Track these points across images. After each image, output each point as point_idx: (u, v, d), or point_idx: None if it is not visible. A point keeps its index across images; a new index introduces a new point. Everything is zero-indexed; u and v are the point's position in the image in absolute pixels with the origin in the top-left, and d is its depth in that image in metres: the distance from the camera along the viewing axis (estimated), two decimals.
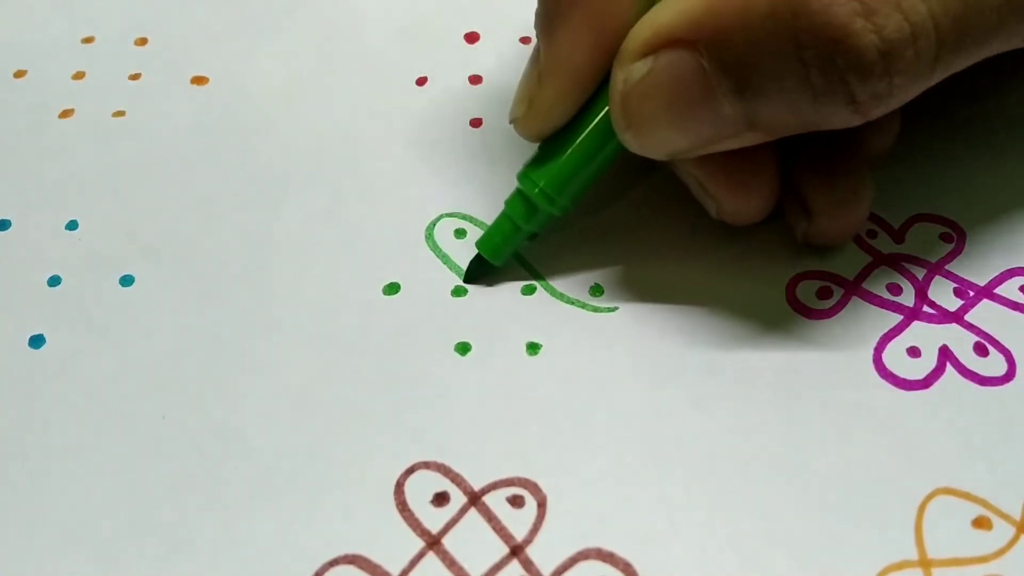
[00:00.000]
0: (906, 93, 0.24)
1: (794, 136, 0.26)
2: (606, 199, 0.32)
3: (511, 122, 0.29)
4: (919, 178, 0.32)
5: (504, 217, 0.30)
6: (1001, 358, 0.28)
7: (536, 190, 0.29)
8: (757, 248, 0.31)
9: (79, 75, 0.36)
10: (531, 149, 0.30)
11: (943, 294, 0.30)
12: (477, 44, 0.36)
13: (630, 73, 0.26)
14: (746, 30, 0.24)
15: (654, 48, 0.25)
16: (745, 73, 0.24)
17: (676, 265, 0.30)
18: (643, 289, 0.30)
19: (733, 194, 0.29)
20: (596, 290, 0.30)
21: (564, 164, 0.28)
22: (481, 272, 0.30)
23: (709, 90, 0.25)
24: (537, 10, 0.28)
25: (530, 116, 0.28)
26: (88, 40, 0.37)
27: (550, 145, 0.29)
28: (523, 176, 0.29)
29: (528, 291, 0.30)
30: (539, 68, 0.28)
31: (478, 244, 0.30)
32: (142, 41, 0.37)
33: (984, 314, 0.29)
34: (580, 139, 0.28)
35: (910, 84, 0.24)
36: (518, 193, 0.29)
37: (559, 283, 0.30)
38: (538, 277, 0.30)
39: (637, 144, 0.27)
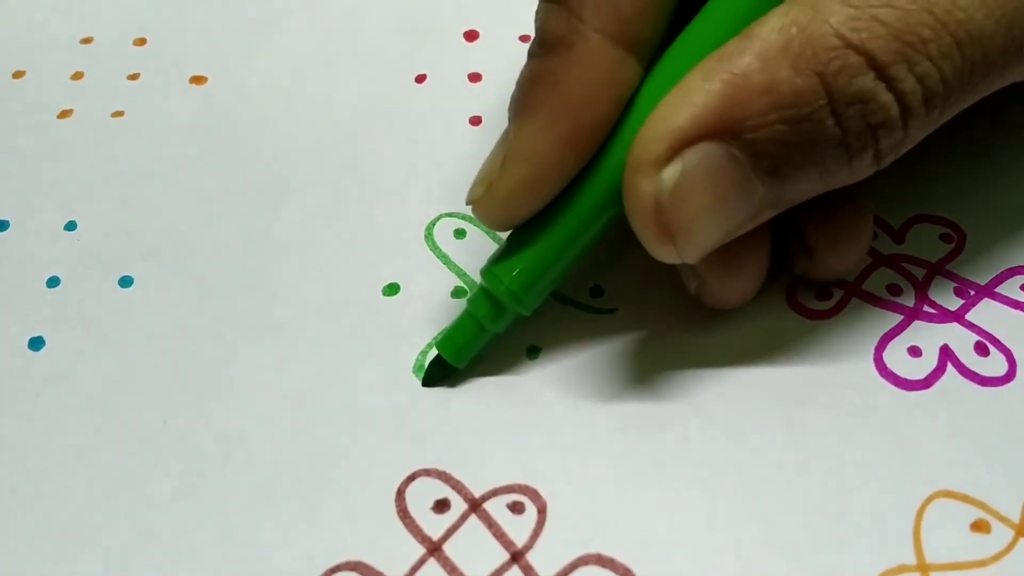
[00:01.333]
0: (918, 139, 0.25)
1: None
2: None
3: (468, 203, 0.27)
4: (919, 179, 0.32)
5: (467, 316, 0.28)
6: (1002, 358, 0.28)
7: (503, 287, 0.27)
8: None
9: (78, 75, 0.36)
10: None
11: (943, 294, 0.30)
12: (476, 42, 0.36)
13: (661, 182, 0.24)
14: (775, 110, 0.24)
15: (678, 150, 0.24)
16: (780, 151, 0.24)
17: (676, 267, 0.30)
18: (643, 290, 0.30)
19: (721, 275, 0.28)
20: (596, 292, 0.30)
21: (533, 263, 0.26)
22: (442, 374, 0.28)
23: (745, 176, 0.24)
24: (513, 92, 0.27)
25: (486, 200, 0.27)
26: (87, 40, 0.37)
27: (517, 239, 0.27)
28: (488, 272, 0.27)
29: None
30: (504, 151, 0.26)
31: (438, 345, 0.28)
32: (141, 41, 0.37)
33: (985, 313, 0.29)
34: (549, 238, 0.26)
35: (922, 132, 0.25)
36: (482, 291, 0.27)
37: (559, 286, 0.30)
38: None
39: (677, 254, 0.25)
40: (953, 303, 0.29)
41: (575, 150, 0.26)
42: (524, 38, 0.36)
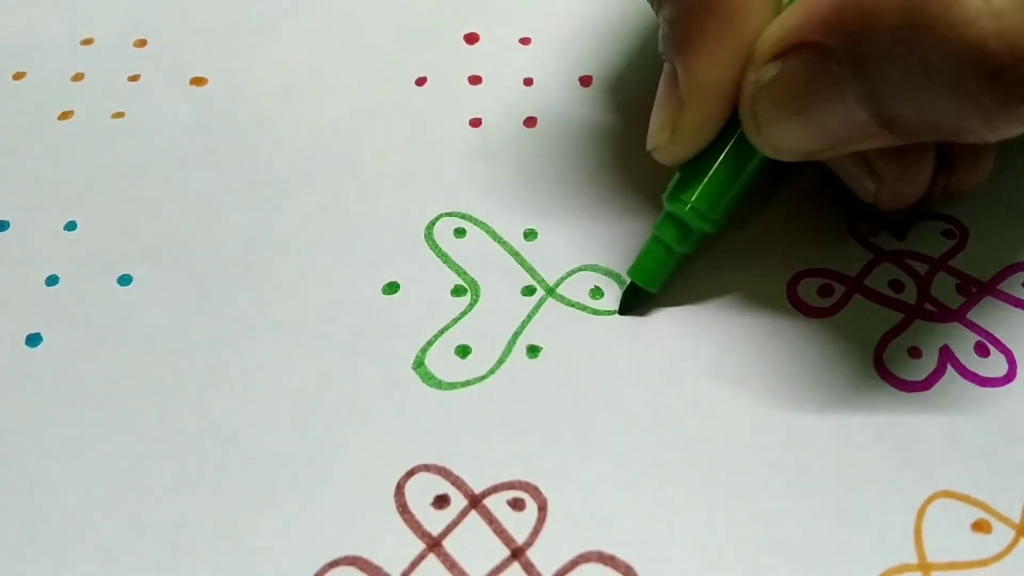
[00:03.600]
0: None
1: None
2: (607, 200, 0.32)
3: (651, 150, 0.28)
4: None
5: (655, 241, 0.29)
6: (1002, 358, 0.28)
7: (687, 208, 0.28)
8: (758, 246, 0.31)
9: (78, 76, 0.36)
10: (536, 152, 0.30)
11: (945, 291, 0.30)
12: (476, 45, 0.36)
13: (760, 75, 0.25)
14: (874, 37, 0.23)
15: (784, 50, 0.25)
16: (874, 79, 0.24)
17: (676, 265, 0.30)
18: (643, 291, 0.30)
19: (898, 171, 0.28)
20: (596, 292, 0.30)
21: (714, 178, 0.28)
22: (636, 302, 0.29)
23: (840, 92, 0.24)
24: (664, 32, 0.27)
25: (675, 142, 0.27)
26: (87, 42, 0.37)
27: (693, 163, 0.28)
28: (670, 197, 0.28)
29: (528, 292, 0.30)
30: (679, 92, 0.27)
31: (630, 273, 0.29)
32: (141, 42, 0.37)
33: (986, 311, 0.29)
34: (726, 150, 0.27)
35: None
36: (668, 216, 0.28)
37: (559, 286, 0.30)
38: (538, 279, 0.30)
39: (767, 146, 0.26)
40: (955, 301, 0.29)
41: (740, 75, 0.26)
42: (524, 41, 0.36)
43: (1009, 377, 0.28)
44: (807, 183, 0.32)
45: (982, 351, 0.28)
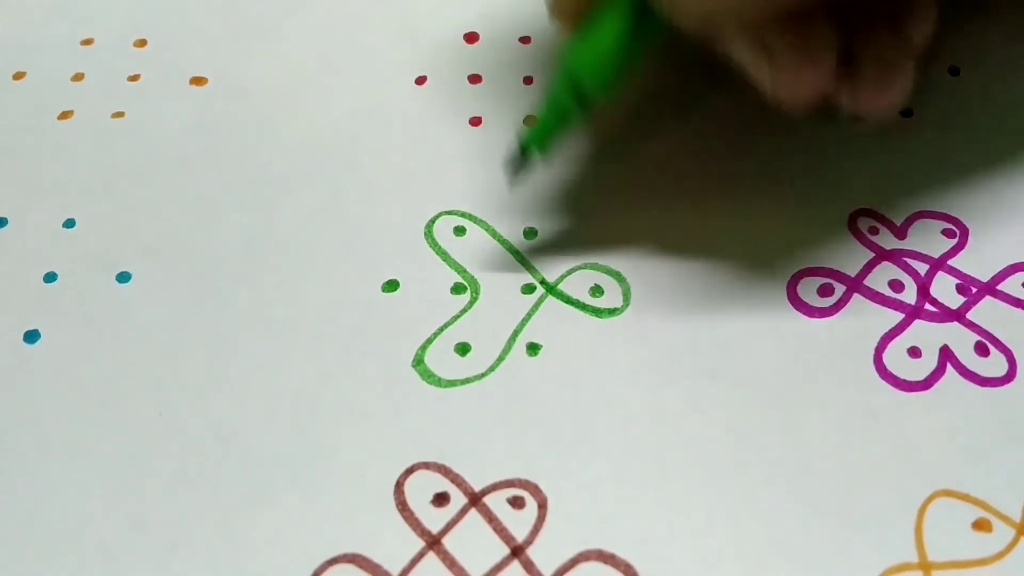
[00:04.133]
0: None
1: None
2: (607, 199, 0.32)
3: (549, 17, 0.29)
4: (921, 173, 0.32)
5: (551, 107, 0.29)
6: (1002, 358, 0.28)
7: (585, 73, 0.28)
8: (758, 246, 0.31)
9: (78, 76, 0.36)
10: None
11: (945, 290, 0.30)
12: (476, 44, 0.36)
13: None
14: None
15: None
16: None
17: (676, 265, 0.30)
18: (643, 290, 0.30)
19: (795, 58, 0.28)
20: (596, 291, 0.30)
21: (606, 43, 0.27)
22: (523, 165, 0.30)
23: None
24: None
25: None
26: (87, 42, 0.37)
27: (587, 29, 0.28)
28: (568, 62, 0.28)
29: (528, 291, 0.30)
30: None
31: (523, 136, 0.29)
32: (141, 42, 0.37)
33: (986, 311, 0.29)
34: (613, 16, 0.27)
35: None
36: (562, 80, 0.28)
37: (559, 284, 0.30)
38: (538, 278, 0.30)
39: (670, 5, 0.26)
40: (955, 300, 0.29)
41: None
42: (524, 40, 0.36)
43: (1009, 377, 0.28)
44: (806, 181, 0.32)
45: (982, 351, 0.28)
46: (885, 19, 0.29)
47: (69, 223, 0.32)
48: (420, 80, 0.35)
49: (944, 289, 0.30)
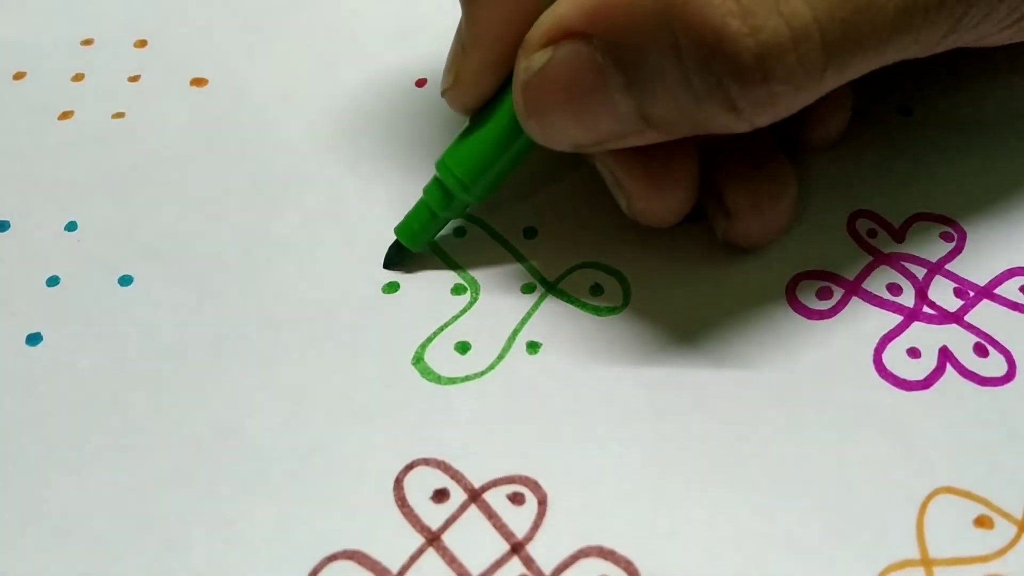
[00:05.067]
0: (793, 100, 0.23)
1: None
2: (607, 199, 0.32)
3: (442, 94, 0.29)
4: (920, 176, 0.32)
5: (422, 204, 0.30)
6: (1001, 358, 0.28)
7: (452, 179, 0.29)
8: (757, 248, 0.31)
9: (78, 77, 0.36)
10: (535, 152, 0.29)
11: (943, 294, 0.30)
12: None
13: (531, 62, 0.26)
14: (633, 25, 0.23)
15: (554, 39, 0.25)
16: (633, 69, 0.24)
17: (676, 264, 0.30)
18: (643, 289, 0.30)
19: (646, 190, 0.28)
20: (596, 289, 0.30)
21: (478, 151, 0.28)
22: (399, 258, 0.30)
23: (604, 84, 0.25)
24: None
25: (457, 87, 0.28)
26: (88, 42, 0.37)
27: (469, 129, 0.29)
28: (440, 163, 0.29)
29: (528, 290, 0.30)
30: (462, 39, 0.28)
31: (396, 230, 0.30)
32: (142, 43, 0.37)
33: (984, 314, 0.29)
34: (491, 125, 0.28)
35: (795, 92, 0.23)
36: (435, 180, 0.29)
37: (559, 283, 0.30)
38: (538, 277, 0.30)
39: (539, 134, 0.27)
40: (953, 304, 0.29)
41: (524, 27, 0.26)
42: None
43: (1009, 376, 0.28)
44: (805, 183, 0.32)
45: (981, 351, 0.28)
46: (758, 147, 0.29)
47: (71, 225, 0.32)
48: (420, 82, 0.35)
49: (942, 293, 0.30)
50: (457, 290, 0.30)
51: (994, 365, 0.28)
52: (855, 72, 0.24)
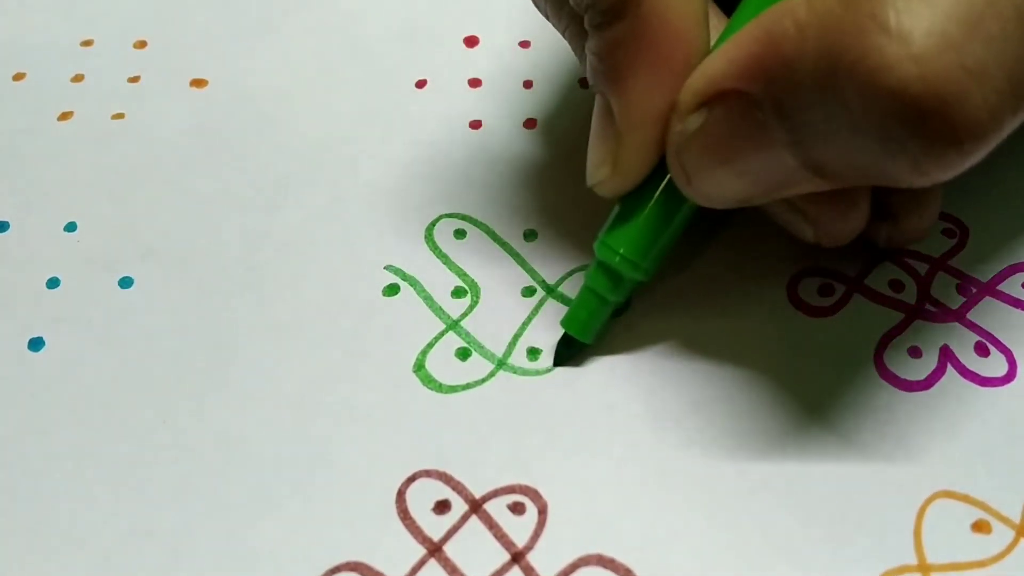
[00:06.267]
0: (978, 157, 0.22)
1: None
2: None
3: (592, 185, 0.27)
4: None
5: (587, 291, 0.28)
6: (1002, 358, 0.28)
7: (617, 258, 0.27)
8: (758, 245, 0.31)
9: (78, 78, 0.36)
10: (535, 154, 0.29)
11: (945, 291, 0.30)
12: (476, 48, 0.36)
13: (686, 125, 0.25)
14: (795, 81, 0.22)
15: (708, 99, 0.24)
16: (799, 124, 0.23)
17: (676, 265, 0.30)
18: (643, 290, 0.30)
19: (833, 215, 0.27)
20: None
21: (643, 227, 0.27)
22: (570, 353, 0.29)
23: (766, 139, 0.23)
24: (594, 65, 0.26)
25: (616, 176, 0.27)
26: (87, 43, 0.37)
27: (625, 208, 0.27)
28: (601, 245, 0.27)
29: (528, 293, 0.30)
30: (615, 125, 0.26)
31: (564, 323, 0.28)
32: (141, 44, 0.37)
33: (986, 312, 0.29)
34: (655, 199, 0.27)
35: (983, 150, 0.22)
36: (599, 264, 0.28)
37: (559, 286, 0.30)
38: (538, 280, 0.30)
39: (701, 196, 0.26)
40: (955, 301, 0.29)
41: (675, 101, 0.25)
42: (524, 44, 0.36)
43: (1009, 377, 0.28)
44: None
45: (982, 351, 0.28)
46: None
47: (70, 226, 0.32)
48: (420, 83, 0.35)
49: (944, 289, 0.30)
50: (457, 293, 0.30)
51: (995, 365, 0.28)
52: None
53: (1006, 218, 0.31)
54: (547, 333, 0.29)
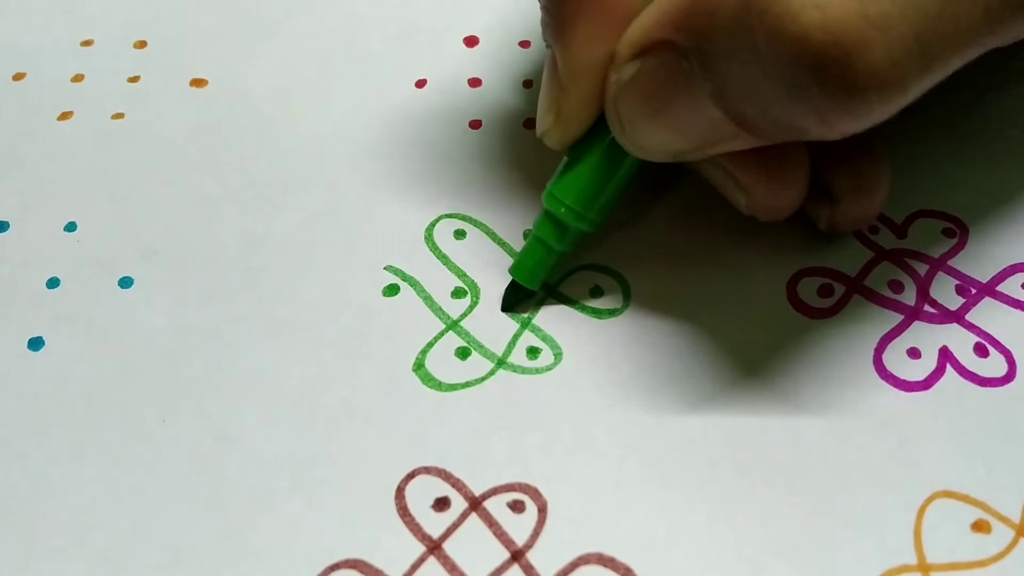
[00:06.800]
0: (882, 111, 0.22)
1: None
2: None
3: (540, 135, 0.28)
4: (922, 172, 0.32)
5: (535, 240, 0.29)
6: (1001, 359, 0.28)
7: (563, 209, 0.28)
8: (758, 245, 0.31)
9: (78, 78, 0.36)
10: (535, 154, 0.30)
11: (945, 292, 0.30)
12: (476, 48, 0.36)
13: (621, 75, 0.26)
14: (715, 31, 0.23)
15: (642, 49, 0.25)
16: (721, 75, 0.23)
17: (676, 265, 0.30)
18: (643, 290, 0.30)
19: (766, 186, 0.28)
20: (596, 292, 0.30)
21: (588, 178, 0.28)
22: (516, 299, 0.30)
23: (692, 90, 0.24)
24: (543, 19, 0.27)
25: (560, 125, 0.28)
26: (87, 43, 0.37)
27: (572, 159, 0.28)
28: (548, 195, 0.28)
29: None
30: (559, 75, 0.27)
31: (511, 271, 0.29)
32: (141, 44, 0.37)
33: (985, 313, 0.29)
34: (598, 151, 0.28)
35: (886, 103, 0.22)
36: (546, 214, 0.29)
37: (559, 285, 0.30)
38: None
39: (636, 147, 0.27)
40: (954, 302, 0.29)
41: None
42: (524, 44, 0.36)
43: (1009, 377, 0.28)
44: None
45: (981, 352, 0.28)
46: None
47: (70, 226, 0.32)
48: (420, 83, 0.35)
49: (944, 290, 0.30)
50: (457, 293, 0.30)
51: (994, 365, 0.28)
52: (940, 76, 0.23)
53: (1006, 218, 0.31)
54: (547, 332, 0.29)
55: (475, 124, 0.34)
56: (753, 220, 0.29)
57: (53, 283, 0.31)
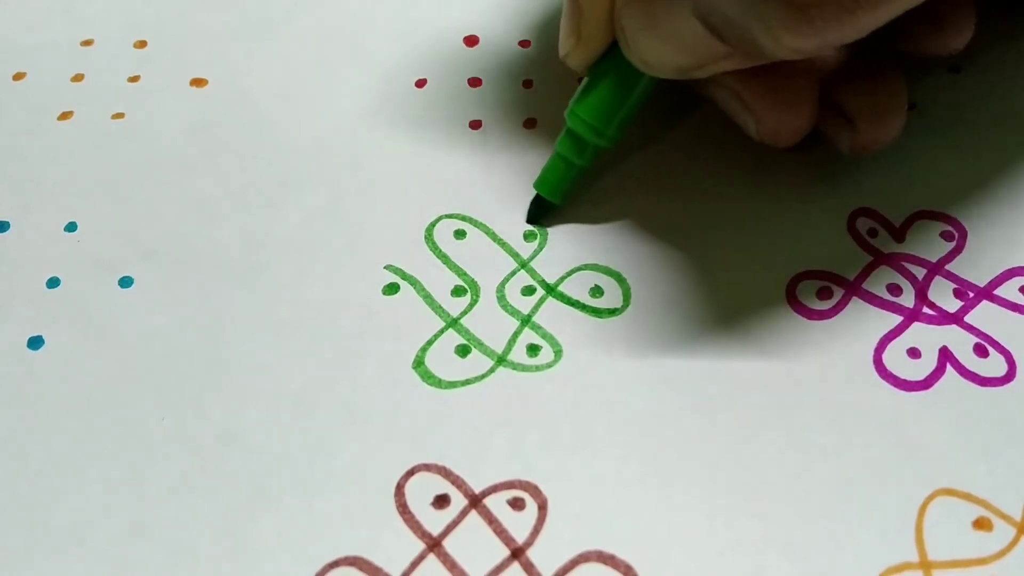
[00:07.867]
0: (832, 32, 0.23)
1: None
2: (605, 198, 0.32)
3: (563, 57, 0.30)
4: (921, 175, 0.32)
5: (557, 156, 0.31)
6: (1001, 359, 0.28)
7: (583, 126, 0.30)
8: (758, 248, 0.31)
9: (78, 77, 0.36)
10: (535, 154, 0.30)
11: (943, 295, 0.30)
12: (476, 47, 0.36)
13: None
14: None
15: None
16: None
17: (676, 265, 0.30)
18: (643, 290, 0.30)
19: (773, 107, 0.29)
20: (596, 292, 0.30)
21: (606, 96, 0.29)
22: (541, 212, 0.31)
23: (680, 4, 0.25)
24: None
25: (580, 47, 0.29)
26: (87, 43, 0.37)
27: (592, 80, 0.30)
28: (570, 113, 0.30)
29: (528, 292, 0.30)
30: (577, 3, 0.28)
31: (536, 185, 0.31)
32: (141, 44, 0.37)
33: (984, 315, 0.29)
34: (612, 72, 0.29)
35: (831, 21, 0.23)
36: (567, 131, 0.30)
37: (559, 285, 0.30)
38: (538, 279, 0.30)
39: (640, 62, 0.28)
40: (952, 305, 0.29)
41: None
42: (524, 43, 0.36)
43: (1009, 377, 0.28)
44: (802, 179, 0.32)
45: (981, 352, 0.28)
46: (872, 66, 0.30)
47: (71, 226, 0.32)
48: (420, 83, 0.35)
49: (942, 294, 0.30)
50: (457, 291, 0.30)
51: (994, 365, 0.28)
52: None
53: (1004, 221, 0.31)
54: (547, 331, 0.29)
55: (475, 124, 0.34)
56: (752, 223, 0.29)
57: (53, 283, 0.31)
